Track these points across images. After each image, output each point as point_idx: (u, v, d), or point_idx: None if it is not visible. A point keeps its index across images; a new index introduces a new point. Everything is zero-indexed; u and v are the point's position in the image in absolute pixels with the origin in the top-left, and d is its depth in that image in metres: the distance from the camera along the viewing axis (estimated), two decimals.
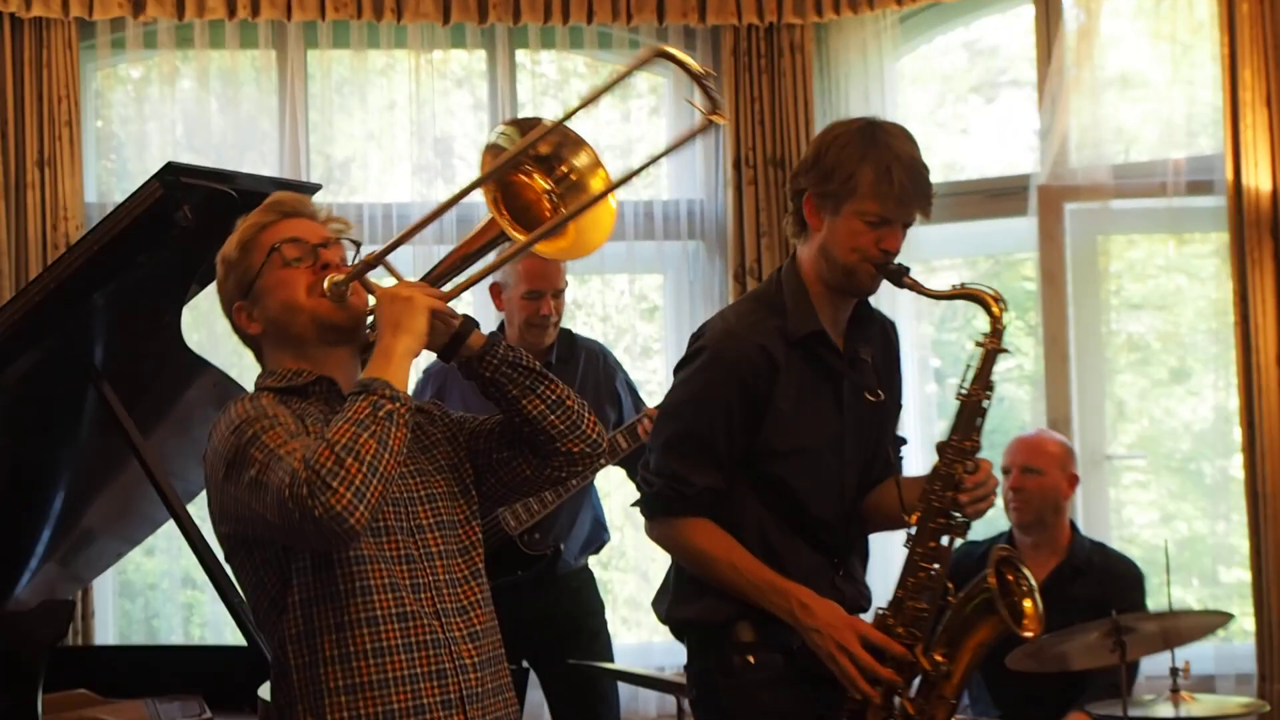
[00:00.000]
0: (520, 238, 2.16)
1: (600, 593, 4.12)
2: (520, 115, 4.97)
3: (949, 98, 5.44)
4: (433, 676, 2.08)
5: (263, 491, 1.96)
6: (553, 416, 2.16)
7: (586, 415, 2.22)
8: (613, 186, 2.26)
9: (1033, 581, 2.68)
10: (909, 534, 2.70)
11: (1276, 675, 4.33)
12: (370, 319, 2.20)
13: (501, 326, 3.83)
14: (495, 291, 3.91)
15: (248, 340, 2.25)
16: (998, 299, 2.66)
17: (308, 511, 1.87)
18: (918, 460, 4.12)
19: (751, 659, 2.68)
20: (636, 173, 2.36)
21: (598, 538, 4.03)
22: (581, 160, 2.24)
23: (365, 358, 2.19)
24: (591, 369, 3.93)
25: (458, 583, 2.16)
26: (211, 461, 2.10)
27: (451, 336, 2.09)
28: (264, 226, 2.19)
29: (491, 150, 2.38)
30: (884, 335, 2.92)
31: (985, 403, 2.69)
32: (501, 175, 2.21)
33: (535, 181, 2.25)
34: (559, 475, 2.26)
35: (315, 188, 3.43)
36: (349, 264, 2.20)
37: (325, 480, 1.88)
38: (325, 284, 2.12)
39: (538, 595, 3.81)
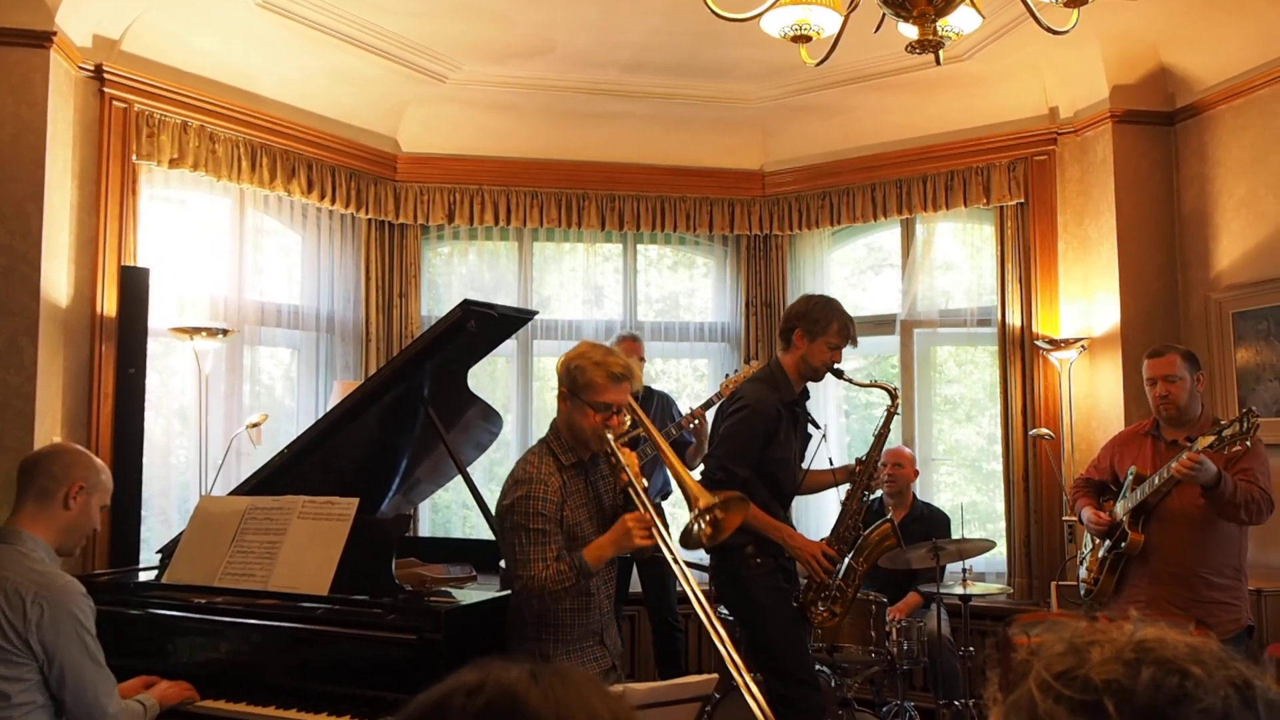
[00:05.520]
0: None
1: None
2: (636, 274, 6.16)
3: (856, 272, 6.54)
4: (588, 605, 2.77)
5: (518, 564, 2.59)
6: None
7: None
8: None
9: (897, 528, 3.47)
10: (841, 496, 3.34)
11: (1016, 574, 5.43)
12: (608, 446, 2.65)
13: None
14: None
15: (559, 399, 2.76)
16: (896, 390, 3.43)
17: (525, 595, 2.63)
18: (837, 453, 5.06)
19: (759, 560, 3.39)
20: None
21: (664, 489, 5.00)
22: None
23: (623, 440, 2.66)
24: (661, 404, 5.12)
25: (607, 581, 2.83)
26: (505, 487, 2.67)
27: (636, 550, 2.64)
28: (609, 384, 2.66)
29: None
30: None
31: (886, 436, 3.48)
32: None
33: None
34: None
35: (533, 313, 4.18)
36: (626, 410, 2.71)
37: (538, 594, 2.59)
38: (601, 428, 2.71)
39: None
